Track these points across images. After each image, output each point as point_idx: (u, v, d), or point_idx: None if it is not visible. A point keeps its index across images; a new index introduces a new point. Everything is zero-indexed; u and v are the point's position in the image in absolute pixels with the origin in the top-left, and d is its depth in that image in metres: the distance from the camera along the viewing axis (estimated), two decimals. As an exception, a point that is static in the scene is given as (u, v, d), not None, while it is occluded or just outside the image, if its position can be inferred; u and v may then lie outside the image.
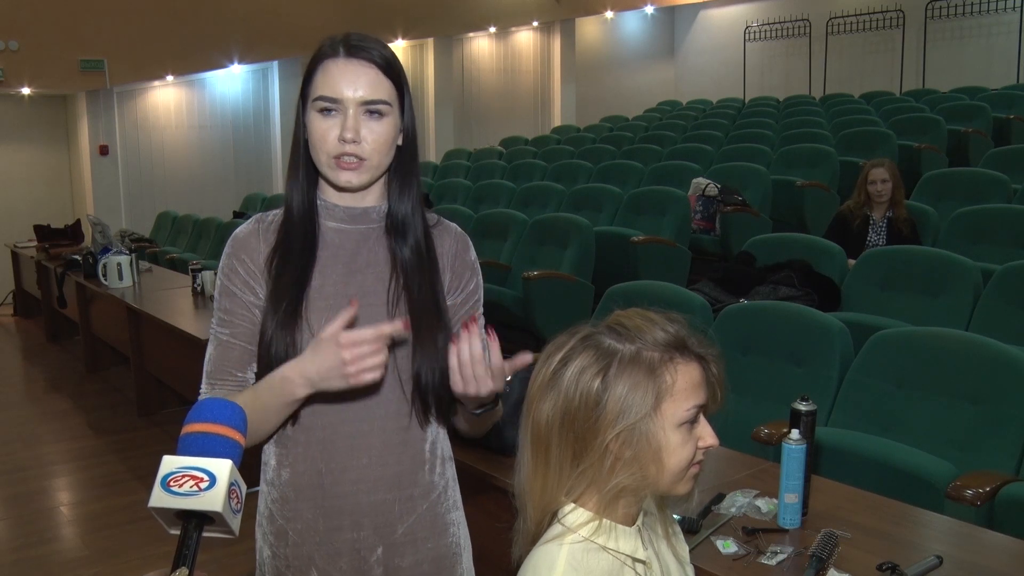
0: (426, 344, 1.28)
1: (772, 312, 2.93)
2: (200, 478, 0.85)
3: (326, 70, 1.24)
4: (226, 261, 1.32)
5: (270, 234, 1.31)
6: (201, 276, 4.82)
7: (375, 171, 1.27)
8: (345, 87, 1.22)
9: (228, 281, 1.31)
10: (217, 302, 1.32)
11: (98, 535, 3.45)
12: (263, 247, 1.30)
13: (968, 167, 5.68)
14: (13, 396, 5.61)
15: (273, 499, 1.34)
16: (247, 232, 1.32)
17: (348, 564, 1.32)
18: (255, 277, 1.30)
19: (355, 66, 1.23)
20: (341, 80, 1.22)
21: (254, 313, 1.29)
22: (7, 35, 7.43)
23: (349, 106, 1.22)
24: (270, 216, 1.34)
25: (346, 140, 1.22)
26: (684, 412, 0.98)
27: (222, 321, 1.30)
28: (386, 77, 1.25)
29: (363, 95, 1.22)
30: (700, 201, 5.63)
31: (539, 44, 11.80)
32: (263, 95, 9.64)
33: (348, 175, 1.25)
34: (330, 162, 1.25)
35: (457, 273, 1.36)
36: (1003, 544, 1.62)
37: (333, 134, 1.23)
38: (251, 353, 1.30)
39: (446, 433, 1.40)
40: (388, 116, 1.25)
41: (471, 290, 1.38)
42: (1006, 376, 2.30)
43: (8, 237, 7.94)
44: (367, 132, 1.23)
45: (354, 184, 1.26)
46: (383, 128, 1.24)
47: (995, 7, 9.76)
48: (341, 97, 1.22)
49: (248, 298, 1.30)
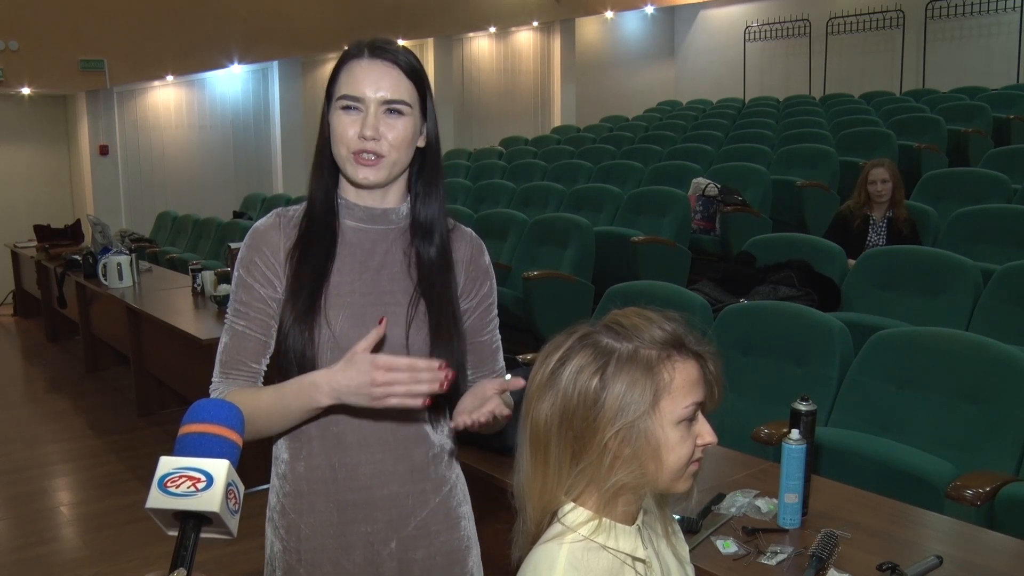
0: (442, 343, 1.30)
1: (772, 312, 2.93)
2: (197, 479, 0.84)
3: (350, 70, 1.28)
4: (245, 253, 1.34)
5: (291, 228, 1.33)
6: (201, 276, 4.82)
7: (393, 168, 1.30)
8: (367, 86, 1.26)
9: (246, 273, 1.32)
10: (234, 293, 1.34)
11: (98, 535, 3.45)
12: (283, 241, 1.33)
13: (968, 167, 5.68)
14: (13, 396, 5.61)
15: (286, 493, 1.35)
16: (268, 225, 1.34)
17: (362, 557, 1.33)
18: (274, 270, 1.32)
19: (378, 66, 1.27)
20: (364, 80, 1.26)
21: (270, 306, 1.31)
22: (7, 35, 7.43)
23: (370, 104, 1.26)
24: (291, 211, 1.36)
25: (365, 137, 1.26)
26: (682, 410, 0.98)
27: (238, 312, 1.32)
28: (408, 79, 1.29)
29: (384, 95, 1.27)
30: (700, 201, 5.63)
31: (539, 44, 11.80)
32: (263, 95, 9.64)
33: (366, 171, 1.28)
34: (349, 157, 1.28)
35: (471, 277, 1.39)
36: (1003, 544, 1.62)
37: (353, 130, 1.27)
38: (265, 344, 1.32)
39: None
40: (408, 116, 1.28)
41: (484, 294, 1.41)
42: (1006, 376, 2.30)
43: (8, 237, 7.94)
44: (386, 130, 1.27)
45: (371, 181, 1.29)
46: (402, 125, 1.28)
47: (995, 7, 9.76)
48: (363, 96, 1.26)
49: (266, 291, 1.32)
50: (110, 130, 8.64)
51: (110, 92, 8.51)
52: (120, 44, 7.93)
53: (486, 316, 1.42)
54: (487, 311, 1.42)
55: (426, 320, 1.31)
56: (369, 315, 1.29)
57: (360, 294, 1.30)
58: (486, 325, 1.42)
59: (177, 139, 9.16)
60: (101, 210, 8.28)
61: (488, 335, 1.43)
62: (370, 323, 1.27)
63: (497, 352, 1.46)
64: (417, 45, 10.57)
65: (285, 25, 8.65)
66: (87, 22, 7.74)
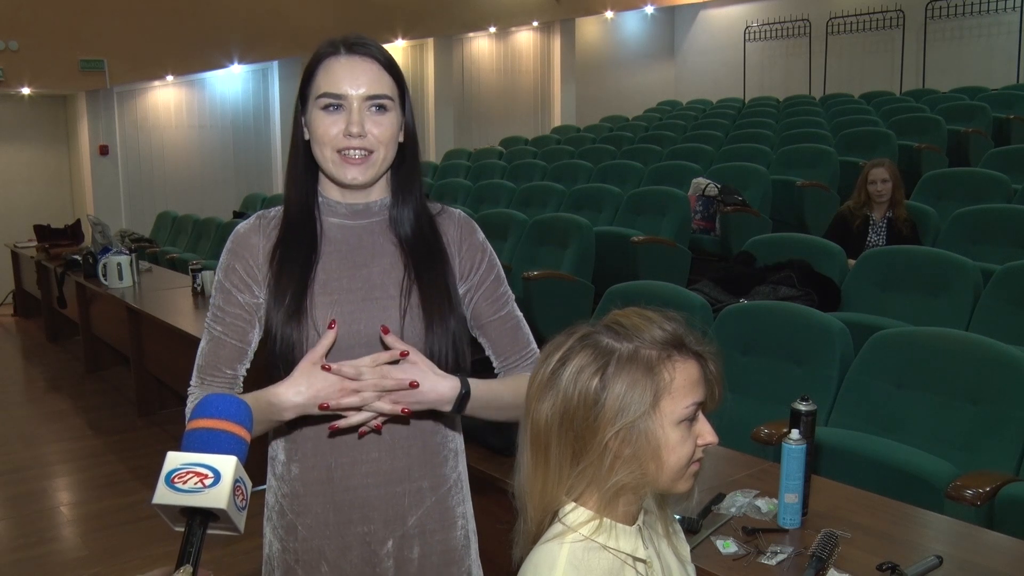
0: (438, 334, 1.28)
1: (772, 312, 2.93)
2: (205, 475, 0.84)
3: (328, 68, 1.25)
4: (225, 258, 1.33)
5: (271, 230, 1.32)
6: (201, 276, 4.82)
7: (381, 166, 1.28)
8: (349, 83, 1.24)
9: (225, 278, 1.32)
10: (213, 297, 1.33)
11: (98, 535, 3.45)
12: (264, 243, 1.31)
13: (968, 167, 5.68)
14: (13, 396, 5.61)
15: (283, 494, 1.35)
16: (248, 229, 1.33)
17: (359, 557, 1.33)
18: (253, 275, 1.31)
19: (357, 62, 1.24)
20: (345, 76, 1.24)
21: (248, 312, 1.30)
22: (7, 35, 7.43)
23: (353, 101, 1.24)
24: (272, 212, 1.35)
25: (352, 134, 1.23)
26: (683, 410, 0.98)
27: (215, 317, 1.32)
28: (387, 73, 1.26)
29: (366, 90, 1.24)
30: (700, 201, 5.63)
31: (539, 44, 11.80)
32: (263, 95, 9.64)
33: (354, 171, 1.26)
34: (335, 158, 1.26)
35: (466, 257, 1.35)
36: (1003, 544, 1.62)
37: (337, 129, 1.24)
38: (241, 351, 1.31)
39: (459, 425, 1.41)
40: (391, 111, 1.27)
41: (485, 269, 1.36)
42: (1006, 376, 2.30)
43: (8, 237, 7.94)
44: (372, 126, 1.25)
45: (360, 181, 1.27)
46: (388, 121, 1.26)
47: (995, 7, 9.76)
48: (345, 93, 1.24)
49: (243, 297, 1.30)
50: (110, 130, 8.64)
51: (110, 92, 8.51)
52: (120, 44, 7.93)
53: (494, 292, 1.36)
54: (493, 286, 1.36)
55: (420, 309, 1.29)
56: (359, 311, 1.28)
57: (348, 290, 1.29)
58: (496, 301, 1.36)
59: (177, 139, 9.16)
60: (101, 210, 8.28)
61: (502, 312, 1.36)
62: (360, 319, 1.27)
63: (517, 331, 1.37)
64: (417, 45, 10.58)
65: (285, 25, 8.65)
66: (87, 22, 7.74)
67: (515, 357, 1.37)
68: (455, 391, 1.23)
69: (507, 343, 1.37)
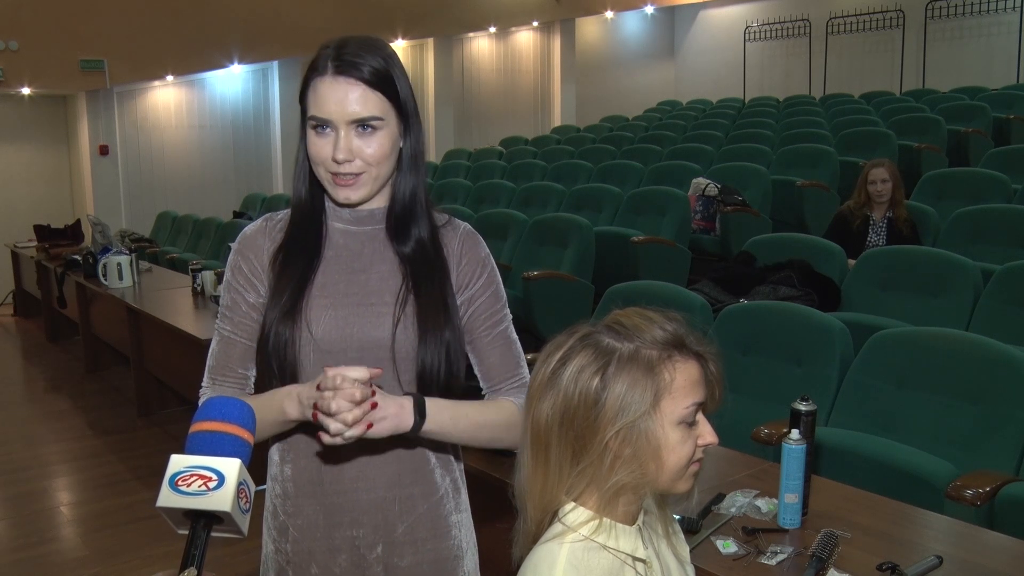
0: (431, 343, 1.28)
1: (772, 312, 2.93)
2: (208, 477, 0.84)
3: (316, 89, 1.23)
4: (232, 258, 1.34)
5: (277, 232, 1.33)
6: (201, 276, 4.82)
7: (374, 183, 1.28)
8: (333, 108, 1.22)
9: (232, 278, 1.33)
10: (221, 297, 1.35)
11: (98, 535, 3.45)
12: (269, 245, 1.32)
13: (968, 167, 5.68)
14: (13, 396, 5.61)
15: (276, 495, 1.35)
16: (255, 230, 1.35)
17: (347, 561, 1.32)
18: (258, 275, 1.32)
19: (342, 84, 1.22)
20: (329, 100, 1.22)
21: (256, 311, 1.32)
22: (7, 35, 7.43)
23: (340, 126, 1.22)
24: (279, 215, 1.36)
25: (338, 160, 1.23)
26: (683, 410, 0.98)
27: (224, 317, 1.33)
28: (375, 91, 1.23)
29: (352, 115, 1.22)
30: (700, 201, 5.63)
31: (539, 44, 11.80)
32: (263, 95, 9.64)
33: (346, 192, 1.26)
34: (328, 177, 1.26)
35: (465, 270, 1.34)
36: (1003, 544, 1.62)
37: (327, 152, 1.24)
38: (252, 350, 1.32)
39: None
40: (381, 129, 1.24)
41: (483, 284, 1.34)
42: (1006, 376, 2.30)
43: (8, 237, 7.94)
44: (361, 147, 1.23)
45: (353, 200, 1.27)
46: (377, 141, 1.24)
47: (995, 7, 9.76)
48: (330, 118, 1.22)
49: (250, 296, 1.32)
50: (110, 130, 8.64)
51: (110, 92, 8.51)
52: (120, 44, 7.93)
53: (489, 308, 1.35)
54: (489, 302, 1.35)
55: (415, 318, 1.28)
56: (352, 316, 1.28)
57: (344, 295, 1.29)
58: (490, 317, 1.35)
59: (177, 139, 9.16)
60: (101, 210, 8.28)
61: (496, 330, 1.35)
62: (353, 323, 1.27)
63: (508, 351, 1.35)
64: (417, 45, 10.58)
65: (285, 25, 8.65)
66: (87, 22, 7.74)
67: (501, 379, 1.35)
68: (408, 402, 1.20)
69: (495, 362, 1.35)
